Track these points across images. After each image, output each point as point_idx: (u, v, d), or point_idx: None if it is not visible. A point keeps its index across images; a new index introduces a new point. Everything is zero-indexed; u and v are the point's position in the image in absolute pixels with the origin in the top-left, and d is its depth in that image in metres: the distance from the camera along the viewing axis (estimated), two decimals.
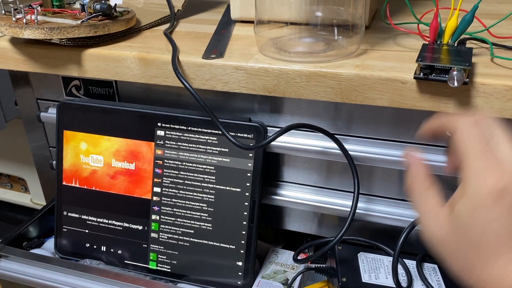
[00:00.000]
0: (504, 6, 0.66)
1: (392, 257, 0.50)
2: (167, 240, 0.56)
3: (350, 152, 0.51)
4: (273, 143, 0.53)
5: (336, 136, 0.51)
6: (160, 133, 0.54)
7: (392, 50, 0.50)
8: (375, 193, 0.55)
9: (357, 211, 0.55)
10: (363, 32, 0.49)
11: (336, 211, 0.56)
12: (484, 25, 0.51)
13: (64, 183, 0.59)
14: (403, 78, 0.43)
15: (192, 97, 0.49)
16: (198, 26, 0.62)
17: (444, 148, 0.47)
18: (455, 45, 0.45)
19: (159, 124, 0.54)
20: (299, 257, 0.52)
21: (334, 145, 0.50)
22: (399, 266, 0.50)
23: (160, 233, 0.56)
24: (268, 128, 0.54)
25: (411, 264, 0.50)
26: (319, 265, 0.55)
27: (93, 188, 0.58)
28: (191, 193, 0.54)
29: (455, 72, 0.38)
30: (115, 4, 0.56)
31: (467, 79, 0.39)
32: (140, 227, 0.57)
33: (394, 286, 0.47)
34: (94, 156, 0.57)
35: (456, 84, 0.38)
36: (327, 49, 0.49)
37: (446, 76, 0.40)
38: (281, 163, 0.57)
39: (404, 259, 0.51)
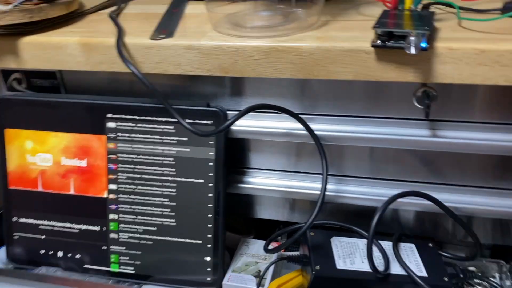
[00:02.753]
0: None
1: (367, 240, 0.47)
2: (128, 240, 0.52)
3: (317, 132, 0.47)
4: (235, 127, 0.50)
5: (301, 116, 0.48)
6: (111, 125, 0.49)
7: (355, 19, 0.47)
8: (347, 173, 0.52)
9: (328, 193, 0.52)
10: (322, 2, 0.46)
11: (308, 195, 0.53)
12: None
13: (10, 187, 0.53)
14: (367, 48, 0.40)
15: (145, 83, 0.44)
16: (149, 7, 0.58)
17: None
18: (418, 10, 0.42)
19: (109, 115, 0.49)
20: (270, 247, 0.49)
21: (299, 125, 0.47)
22: (375, 249, 0.47)
23: (120, 233, 0.52)
24: (229, 112, 0.50)
25: (387, 245, 0.48)
26: (292, 253, 0.52)
27: (44, 190, 0.53)
28: (150, 188, 0.50)
29: (412, 38, 0.35)
30: None
31: (427, 45, 0.36)
32: (98, 228, 0.52)
33: (371, 270, 0.44)
34: (41, 155, 0.52)
35: (413, 51, 0.35)
36: (285, 22, 0.45)
37: (403, 42, 0.37)
38: (247, 149, 0.54)
39: (380, 241, 0.48)
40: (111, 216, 0.52)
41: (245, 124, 0.49)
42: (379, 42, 0.38)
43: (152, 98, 0.48)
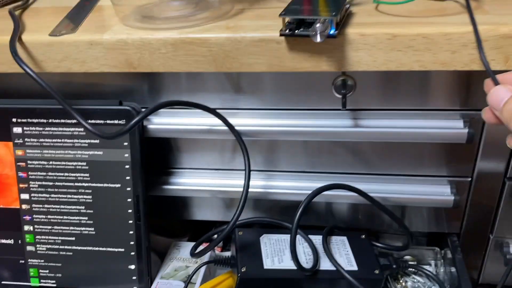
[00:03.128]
0: None
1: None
2: (46, 252, 0.48)
3: (238, 127, 0.45)
4: (153, 126, 0.47)
5: (222, 110, 0.45)
6: (17, 130, 0.46)
7: (272, 7, 0.44)
8: (278, 168, 0.50)
9: (258, 190, 0.50)
10: None
11: (239, 193, 0.51)
12: None
13: None
14: (278, 38, 0.38)
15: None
16: (61, 0, 0.54)
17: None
18: None
19: (14, 119, 0.45)
20: (197, 250, 0.47)
21: (220, 121, 0.45)
22: (305, 244, 0.46)
23: (37, 245, 0.48)
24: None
25: (318, 239, 0.46)
26: (223, 254, 0.50)
27: None
28: (65, 196, 0.46)
29: (318, 25, 0.33)
30: None
31: (336, 31, 0.34)
32: (13, 241, 0.48)
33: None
34: None
35: (319, 38, 0.33)
36: (196, 12, 0.42)
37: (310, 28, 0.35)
38: (172, 149, 0.51)
39: (310, 235, 0.47)
40: (26, 227, 0.48)
41: (163, 122, 0.46)
42: (287, 30, 0.36)
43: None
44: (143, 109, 0.47)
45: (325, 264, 0.44)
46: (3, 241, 0.49)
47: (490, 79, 0.33)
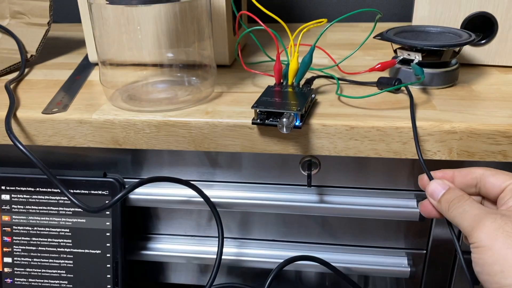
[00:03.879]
0: (366, 35, 0.68)
1: None
2: None
3: (214, 199, 0.49)
4: (134, 196, 0.50)
5: (199, 183, 0.49)
6: (5, 197, 0.48)
7: (248, 91, 0.49)
8: (251, 235, 0.54)
9: (231, 257, 0.53)
10: (215, 75, 0.48)
11: (212, 259, 0.54)
12: (334, 61, 0.52)
13: None
14: (251, 124, 0.42)
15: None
16: (53, 72, 0.58)
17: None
18: (299, 85, 0.45)
19: (3, 187, 0.48)
20: None
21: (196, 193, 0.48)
22: None
23: None
24: (129, 180, 0.50)
25: None
26: None
27: None
28: (47, 260, 0.49)
29: (284, 119, 0.38)
30: None
31: (301, 123, 0.39)
32: None
33: None
34: None
35: (285, 130, 0.38)
36: (180, 95, 0.47)
37: (278, 120, 0.39)
38: (152, 215, 0.54)
39: None
40: None
41: (144, 193, 0.50)
42: (258, 120, 0.41)
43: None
44: (126, 179, 0.50)
45: None
46: None
47: (424, 174, 0.38)
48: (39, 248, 0.49)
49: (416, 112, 0.42)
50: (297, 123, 0.40)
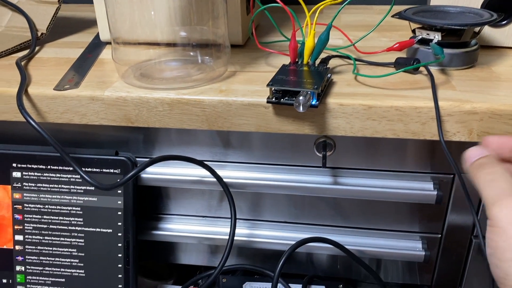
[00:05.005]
0: (380, 17, 0.67)
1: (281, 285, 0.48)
2: None
3: (227, 180, 0.48)
4: (146, 176, 0.50)
5: (212, 163, 0.48)
6: (17, 174, 0.48)
7: (262, 71, 0.48)
8: (263, 217, 0.53)
9: (242, 238, 0.52)
10: (229, 53, 0.47)
11: (224, 240, 0.53)
12: (350, 40, 0.51)
13: None
14: (265, 103, 0.42)
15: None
16: (63, 51, 0.57)
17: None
18: (315, 64, 0.44)
19: (14, 164, 0.48)
20: None
21: (209, 173, 0.48)
22: None
23: (28, 285, 0.50)
24: (141, 159, 0.50)
25: None
26: None
27: None
28: (58, 239, 0.48)
29: (301, 97, 0.37)
30: None
31: (317, 102, 0.38)
32: (4, 281, 0.50)
33: None
34: None
35: (301, 109, 0.37)
36: (193, 73, 0.46)
37: (294, 99, 0.39)
38: (163, 195, 0.54)
39: (290, 284, 0.49)
40: (18, 268, 0.50)
41: (156, 172, 0.49)
42: (273, 98, 0.40)
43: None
44: (137, 159, 0.50)
45: None
46: None
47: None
48: (50, 226, 0.48)
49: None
50: (313, 102, 0.39)
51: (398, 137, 0.41)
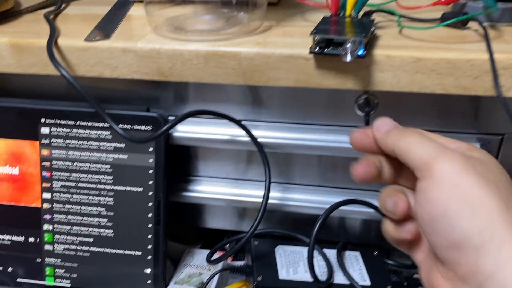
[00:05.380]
0: None
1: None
2: (63, 252, 0.49)
3: (260, 139, 0.46)
4: (177, 134, 0.48)
5: (245, 122, 0.46)
6: (45, 130, 0.47)
7: (299, 25, 0.46)
8: (294, 181, 0.52)
9: (274, 201, 0.51)
10: (265, 7, 0.45)
11: (254, 203, 0.52)
12: None
13: None
14: (307, 55, 0.39)
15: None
16: (90, 8, 0.55)
17: None
18: (358, 17, 0.42)
19: (42, 120, 0.47)
20: (213, 257, 0.48)
21: (243, 132, 0.46)
22: (319, 257, 0.47)
23: (55, 245, 0.49)
24: (172, 117, 0.48)
25: (332, 253, 0.47)
26: (235, 263, 0.51)
27: None
28: (87, 197, 0.47)
29: (348, 45, 0.35)
30: None
31: (364, 52, 0.36)
32: (32, 240, 0.49)
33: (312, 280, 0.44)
34: None
35: (349, 58, 0.35)
36: (227, 26, 0.44)
37: (340, 49, 0.36)
38: (192, 156, 0.52)
39: (324, 249, 0.48)
40: (46, 226, 0.49)
41: (188, 130, 0.48)
42: (317, 49, 0.38)
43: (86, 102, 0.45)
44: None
45: (339, 278, 0.45)
46: (22, 238, 0.49)
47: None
48: (79, 184, 0.47)
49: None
50: (360, 52, 0.37)
51: (448, 93, 0.39)
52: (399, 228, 0.32)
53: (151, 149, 0.46)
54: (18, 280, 0.50)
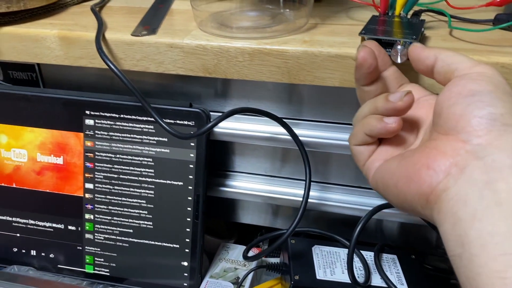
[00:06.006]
0: None
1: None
2: (103, 241, 0.50)
3: (301, 138, 0.46)
4: (218, 130, 0.48)
5: (286, 120, 0.46)
6: (89, 122, 0.48)
7: (345, 24, 0.46)
8: (332, 181, 0.51)
9: (311, 200, 0.51)
10: (311, 5, 0.45)
11: (290, 201, 0.52)
12: None
13: None
14: (354, 55, 0.39)
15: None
16: (134, 1, 0.56)
17: None
18: (408, 17, 0.41)
19: (87, 112, 0.47)
20: (249, 253, 0.48)
21: (284, 130, 0.46)
22: (356, 259, 0.46)
23: (96, 234, 0.50)
24: (213, 113, 0.49)
25: (369, 255, 0.47)
26: (271, 260, 0.51)
27: (18, 186, 0.51)
28: (128, 189, 0.48)
29: (399, 47, 0.34)
30: None
31: None
32: (73, 228, 0.50)
33: (350, 282, 0.43)
34: (16, 150, 0.50)
35: (399, 59, 0.34)
36: (272, 24, 0.44)
37: (390, 50, 0.36)
38: (229, 152, 0.52)
39: (361, 251, 0.47)
40: (87, 216, 0.50)
41: (229, 127, 0.48)
42: None
43: (132, 96, 0.46)
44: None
45: (377, 281, 0.45)
46: (64, 226, 0.51)
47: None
48: (121, 176, 0.48)
49: None
50: None
51: None
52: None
53: (192, 144, 0.46)
54: (59, 266, 0.52)
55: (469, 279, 0.24)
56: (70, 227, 0.51)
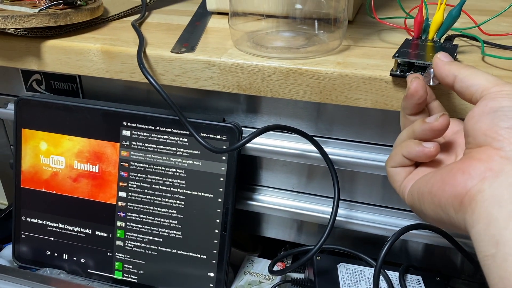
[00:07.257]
0: (494, 2, 0.63)
1: (374, 269, 0.47)
2: (133, 249, 0.52)
3: (330, 156, 0.47)
4: (248, 145, 0.50)
5: (316, 138, 0.47)
6: (126, 133, 0.50)
7: (377, 46, 0.47)
8: (358, 199, 0.52)
9: (338, 218, 0.51)
10: (345, 27, 0.46)
11: (316, 218, 0.52)
12: (475, 21, 0.48)
13: (22, 186, 0.54)
14: (388, 77, 0.40)
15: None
16: (171, 17, 0.58)
17: None
18: (441, 41, 0.41)
19: (124, 123, 0.49)
20: (275, 268, 0.49)
21: (313, 148, 0.47)
22: (381, 279, 0.47)
23: (126, 241, 0.52)
24: (244, 129, 0.50)
25: (394, 275, 0.47)
26: (296, 276, 0.52)
27: (54, 192, 0.53)
28: (159, 199, 0.50)
29: (432, 70, 0.35)
30: None
31: None
32: (105, 234, 0.52)
33: None
34: (55, 157, 0.53)
35: (432, 82, 0.35)
36: (307, 44, 0.45)
37: (423, 73, 0.37)
38: (258, 166, 0.54)
39: (386, 270, 0.48)
40: (119, 223, 0.52)
41: (259, 142, 0.49)
42: (398, 71, 0.38)
43: (168, 109, 0.48)
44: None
45: None
46: (96, 232, 0.52)
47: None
48: (153, 186, 0.50)
49: None
50: None
51: None
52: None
53: (224, 157, 0.47)
54: (89, 271, 0.53)
55: (503, 279, 0.25)
56: (101, 234, 0.52)
